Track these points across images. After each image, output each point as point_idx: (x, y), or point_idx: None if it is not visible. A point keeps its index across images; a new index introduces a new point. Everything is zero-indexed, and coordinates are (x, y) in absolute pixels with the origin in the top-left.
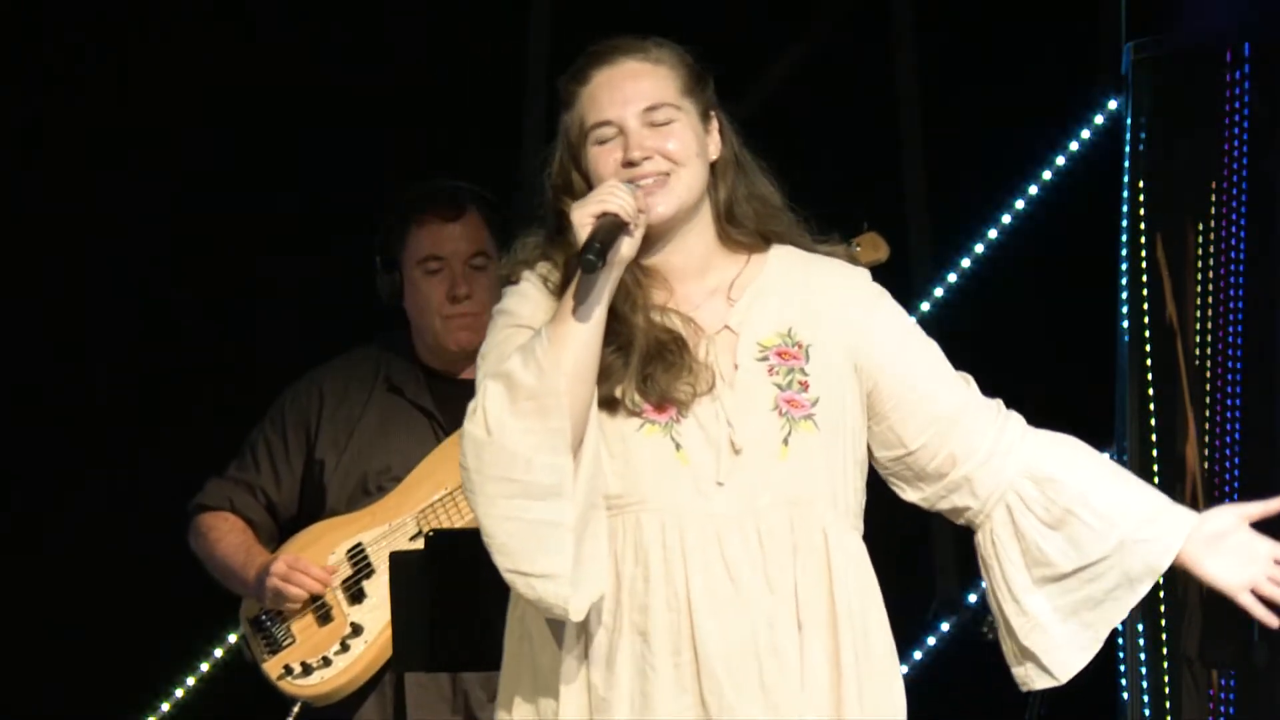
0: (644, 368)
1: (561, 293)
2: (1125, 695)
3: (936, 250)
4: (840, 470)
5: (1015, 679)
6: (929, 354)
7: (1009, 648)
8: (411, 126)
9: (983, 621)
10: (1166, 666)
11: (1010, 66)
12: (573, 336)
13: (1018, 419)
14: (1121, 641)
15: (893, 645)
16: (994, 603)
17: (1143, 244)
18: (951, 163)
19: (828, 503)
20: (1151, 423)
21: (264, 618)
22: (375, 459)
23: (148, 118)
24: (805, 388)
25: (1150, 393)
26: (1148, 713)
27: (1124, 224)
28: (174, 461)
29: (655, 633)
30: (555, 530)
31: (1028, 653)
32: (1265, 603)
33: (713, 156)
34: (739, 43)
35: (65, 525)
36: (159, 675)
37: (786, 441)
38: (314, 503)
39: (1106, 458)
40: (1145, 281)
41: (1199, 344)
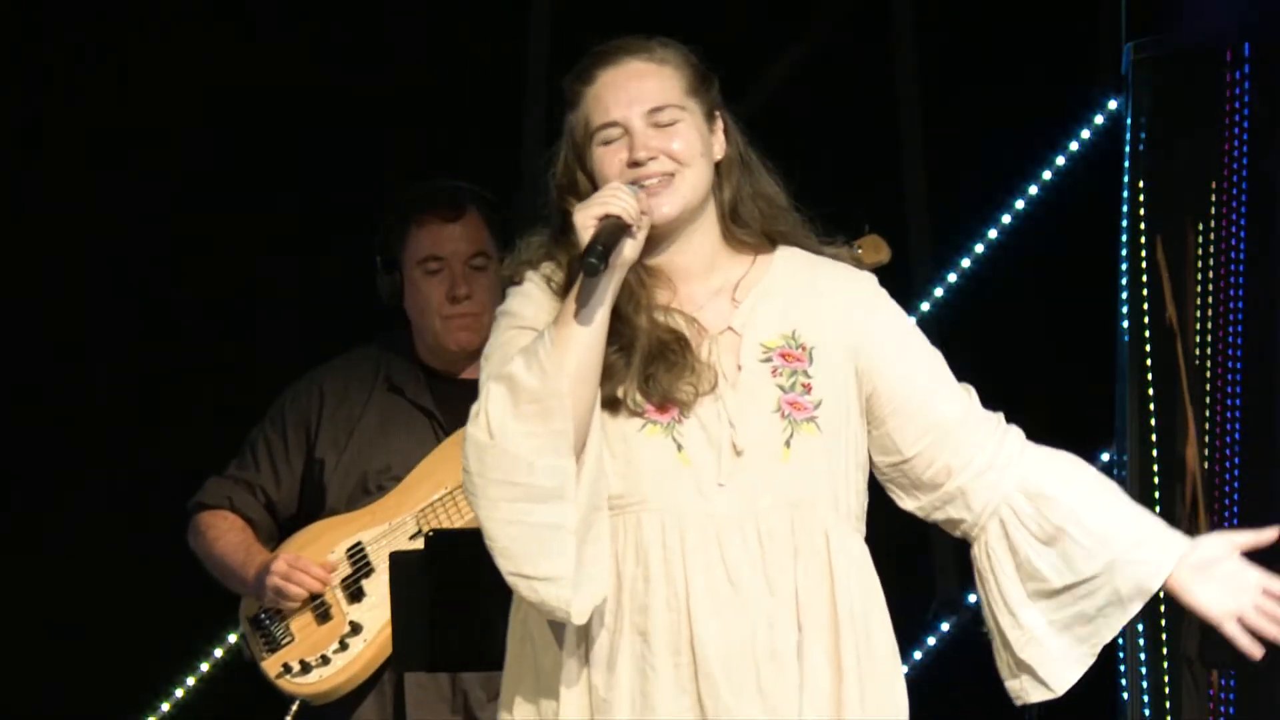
0: (646, 368)
1: (565, 293)
2: (1125, 695)
3: (936, 250)
4: (842, 473)
5: (1009, 693)
6: (930, 362)
7: (1004, 660)
8: (411, 126)
9: (982, 622)
10: (1166, 666)
11: (1010, 66)
12: (575, 339)
13: (1017, 433)
14: (1121, 642)
15: (895, 647)
16: (989, 616)
17: (1143, 244)
18: (951, 163)
19: (829, 505)
20: (1151, 423)
21: (263, 616)
22: (375, 458)
23: (148, 118)
24: (808, 390)
25: (1150, 393)
26: (1148, 713)
27: (1124, 224)
28: (174, 461)
29: (655, 633)
30: (557, 533)
31: (1024, 665)
32: (1252, 632)
33: (718, 156)
34: (739, 43)
35: (65, 525)
36: (159, 675)
37: (788, 443)
38: (314, 502)
39: (1104, 476)
40: (1145, 282)
41: (1199, 344)
